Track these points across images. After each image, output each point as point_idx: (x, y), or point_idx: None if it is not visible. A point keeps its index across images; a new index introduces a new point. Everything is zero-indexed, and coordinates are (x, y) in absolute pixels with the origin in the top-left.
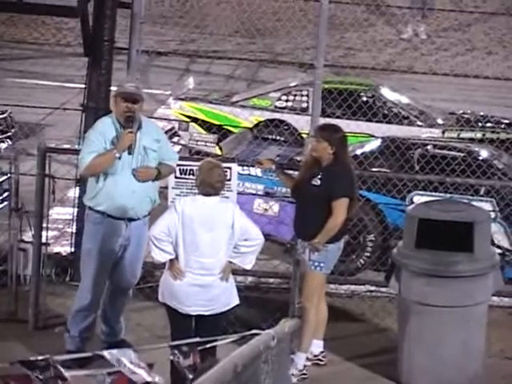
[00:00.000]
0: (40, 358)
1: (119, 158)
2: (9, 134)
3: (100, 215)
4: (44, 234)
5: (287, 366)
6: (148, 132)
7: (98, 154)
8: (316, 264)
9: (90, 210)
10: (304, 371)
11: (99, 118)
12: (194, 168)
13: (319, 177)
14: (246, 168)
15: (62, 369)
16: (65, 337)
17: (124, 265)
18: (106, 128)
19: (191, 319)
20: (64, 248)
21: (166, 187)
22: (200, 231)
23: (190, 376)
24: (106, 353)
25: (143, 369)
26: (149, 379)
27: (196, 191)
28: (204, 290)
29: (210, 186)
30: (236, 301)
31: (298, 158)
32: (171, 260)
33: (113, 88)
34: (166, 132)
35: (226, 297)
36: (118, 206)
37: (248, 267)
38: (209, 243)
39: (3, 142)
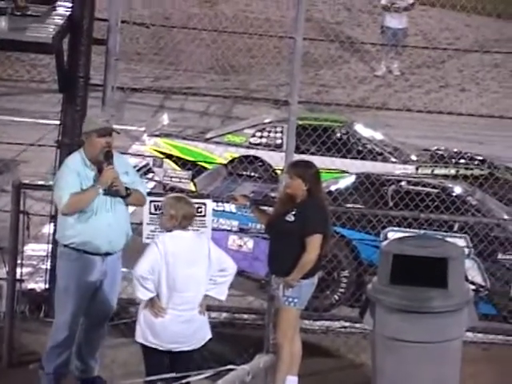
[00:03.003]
0: None
1: (104, 194)
2: None
3: (75, 252)
4: (18, 270)
5: None
6: (118, 165)
7: (76, 191)
8: (290, 300)
9: (64, 248)
10: None
11: None
12: None
13: (293, 213)
14: (220, 204)
15: None
16: (39, 374)
17: (100, 299)
18: (77, 165)
19: (167, 355)
20: (38, 284)
21: (141, 223)
22: (182, 267)
23: None
24: None
25: None
26: None
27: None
28: (186, 325)
29: (191, 217)
30: (209, 335)
31: (273, 195)
32: (151, 298)
33: None
34: (140, 168)
35: (203, 331)
36: (94, 242)
37: (223, 298)
38: (191, 277)
39: None
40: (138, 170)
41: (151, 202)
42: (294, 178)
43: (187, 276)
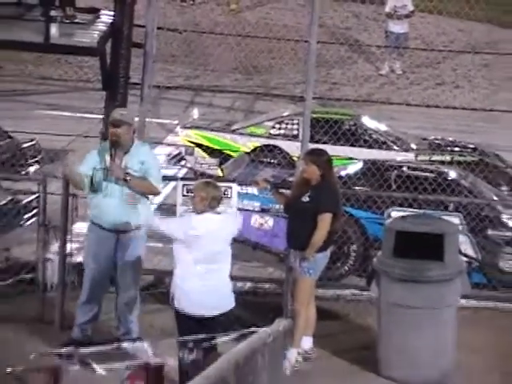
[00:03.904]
0: (66, 350)
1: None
2: (37, 158)
3: (93, 225)
4: (68, 246)
5: (281, 360)
6: (134, 154)
7: (84, 169)
8: (306, 270)
9: (89, 221)
10: (296, 365)
11: None
12: None
13: (308, 195)
14: (244, 187)
15: (86, 360)
16: (74, 324)
17: (120, 273)
18: (103, 148)
19: (197, 320)
20: None
21: (175, 204)
22: (211, 244)
23: (194, 370)
24: (125, 344)
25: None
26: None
27: None
28: (214, 293)
29: (219, 199)
30: (233, 303)
31: (290, 179)
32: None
33: None
34: (174, 156)
35: (228, 298)
36: (102, 217)
37: None
38: (219, 253)
39: (32, 165)
40: (173, 158)
41: (184, 185)
42: (310, 165)
43: (215, 252)
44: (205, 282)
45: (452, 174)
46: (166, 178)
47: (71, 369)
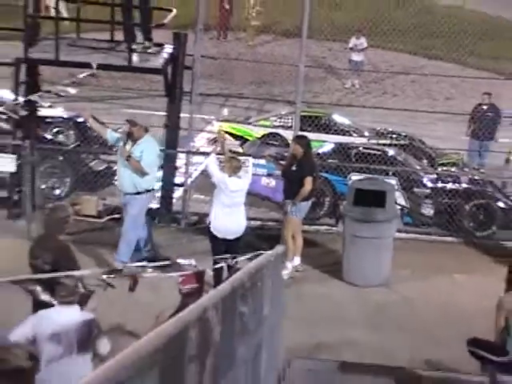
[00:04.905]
0: (144, 264)
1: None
2: None
3: None
4: None
5: (280, 271)
6: (139, 146)
7: (109, 132)
8: (294, 213)
9: None
10: (290, 274)
11: (174, 132)
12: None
13: (295, 165)
14: (257, 160)
15: (154, 270)
16: None
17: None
18: (123, 137)
19: (224, 243)
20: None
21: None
22: (234, 195)
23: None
24: (179, 260)
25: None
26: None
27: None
28: (235, 222)
29: (239, 167)
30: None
31: (286, 155)
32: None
33: (181, 115)
34: (211, 140)
35: (243, 228)
36: (118, 182)
37: None
38: (240, 201)
39: None
40: (211, 141)
41: (217, 158)
42: (296, 145)
43: (237, 201)
44: (230, 218)
45: (391, 152)
46: (205, 153)
47: (144, 275)
